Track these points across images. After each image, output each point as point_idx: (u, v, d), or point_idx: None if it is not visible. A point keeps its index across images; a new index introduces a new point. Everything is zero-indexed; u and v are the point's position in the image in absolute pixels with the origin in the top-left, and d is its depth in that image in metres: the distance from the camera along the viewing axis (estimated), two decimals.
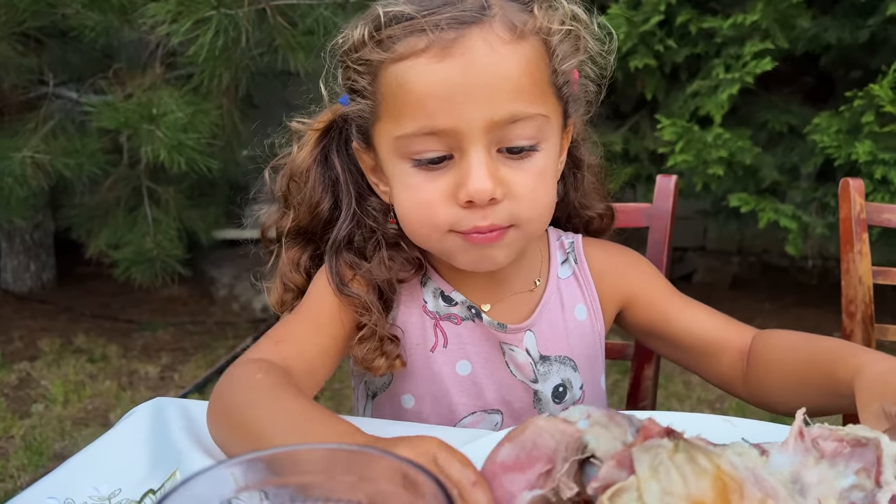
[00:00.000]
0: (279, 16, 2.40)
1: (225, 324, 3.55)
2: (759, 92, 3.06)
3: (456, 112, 0.72)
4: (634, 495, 0.51)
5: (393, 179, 0.79)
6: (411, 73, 0.73)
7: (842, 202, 1.24)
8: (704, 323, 0.91)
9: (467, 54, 0.72)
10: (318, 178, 0.87)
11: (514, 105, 0.73)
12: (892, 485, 0.53)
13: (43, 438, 2.50)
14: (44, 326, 3.43)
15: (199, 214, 3.13)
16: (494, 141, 0.74)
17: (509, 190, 0.74)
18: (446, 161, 0.75)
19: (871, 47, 2.85)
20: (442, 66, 0.71)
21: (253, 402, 0.68)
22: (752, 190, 2.97)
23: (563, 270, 0.93)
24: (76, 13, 2.54)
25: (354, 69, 0.79)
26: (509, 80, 0.73)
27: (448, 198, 0.75)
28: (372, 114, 0.79)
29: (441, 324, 0.87)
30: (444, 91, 0.72)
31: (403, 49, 0.73)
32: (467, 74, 0.71)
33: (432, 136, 0.73)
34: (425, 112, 0.72)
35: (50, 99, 2.98)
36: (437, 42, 0.71)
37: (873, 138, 2.50)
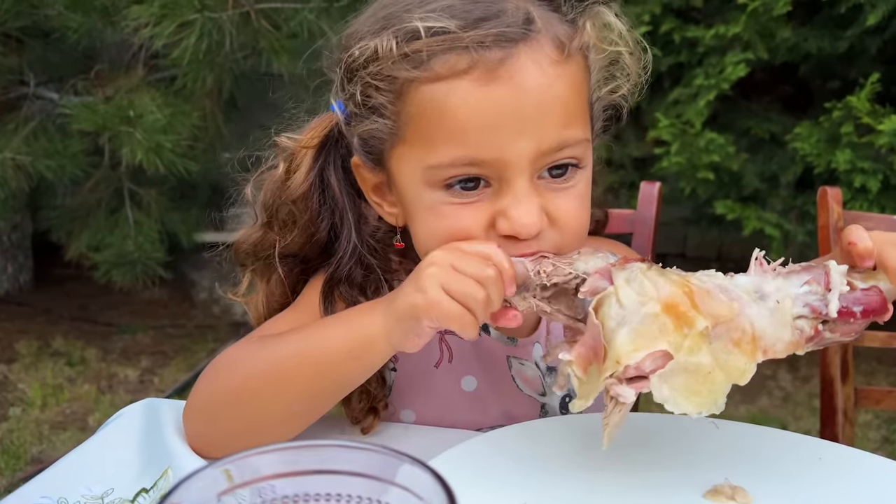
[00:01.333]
0: (263, 19, 2.40)
1: (205, 327, 3.52)
2: (738, 100, 3.10)
3: (502, 143, 0.66)
4: (613, 300, 0.60)
5: (416, 206, 0.73)
6: (452, 98, 0.66)
7: (820, 210, 1.26)
8: None
9: (516, 78, 0.66)
10: (317, 204, 0.80)
11: (563, 132, 0.69)
12: (839, 287, 0.62)
13: (20, 442, 2.47)
14: (21, 329, 3.38)
15: (180, 217, 3.11)
16: (538, 168, 0.69)
17: (552, 217, 0.70)
18: (482, 189, 0.69)
19: (849, 58, 2.90)
20: (488, 90, 0.65)
21: (278, 343, 0.72)
22: (734, 197, 3.01)
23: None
24: (58, 14, 2.52)
25: (374, 85, 0.71)
26: (560, 105, 0.68)
27: (487, 227, 0.69)
28: (392, 135, 0.72)
29: (446, 338, 0.84)
30: (491, 120, 0.66)
31: (441, 68, 0.66)
32: (517, 101, 0.66)
33: (471, 166, 0.68)
34: (467, 142, 0.67)
35: (31, 100, 2.95)
36: (482, 63, 0.65)
37: (852, 148, 2.54)
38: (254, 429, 0.69)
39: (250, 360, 0.70)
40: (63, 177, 2.70)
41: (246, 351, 0.73)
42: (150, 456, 0.67)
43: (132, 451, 0.68)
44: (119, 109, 2.49)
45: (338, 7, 2.35)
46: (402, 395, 0.86)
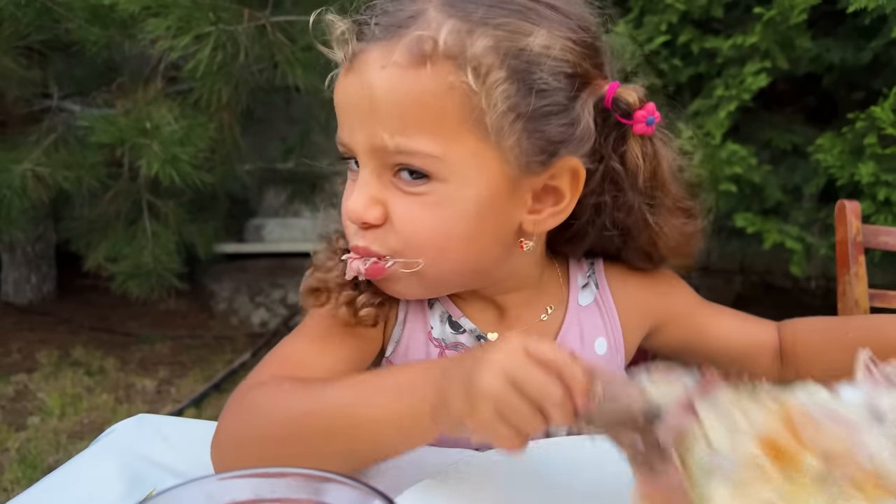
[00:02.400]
0: (278, 32, 2.41)
1: (223, 338, 3.54)
2: (760, 111, 3.06)
3: (350, 127, 0.71)
4: (702, 440, 0.50)
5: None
6: (336, 82, 0.72)
7: (838, 225, 1.23)
8: (737, 329, 0.89)
9: (363, 73, 0.68)
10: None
11: (395, 138, 0.67)
12: None
13: (38, 451, 2.49)
14: (42, 338, 3.42)
15: (198, 228, 3.13)
16: (386, 165, 0.70)
17: (390, 219, 0.70)
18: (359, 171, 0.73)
19: (873, 69, 2.85)
20: (346, 78, 0.70)
21: (314, 397, 0.64)
22: (756, 209, 2.96)
23: (583, 297, 0.86)
24: (79, 27, 2.56)
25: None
26: (396, 107, 0.67)
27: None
28: None
29: (447, 353, 0.81)
30: (342, 105, 0.71)
31: (339, 59, 0.72)
32: (359, 94, 0.68)
33: (342, 146, 0.73)
34: (340, 123, 0.73)
35: (54, 112, 2.99)
36: (350, 53, 0.69)
37: (876, 160, 2.49)
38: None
39: (278, 409, 0.64)
40: (81, 188, 2.73)
41: (276, 397, 0.66)
42: (134, 477, 0.66)
43: (116, 471, 0.67)
44: (137, 121, 2.52)
45: None
46: None
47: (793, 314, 3.44)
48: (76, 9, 2.50)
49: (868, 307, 1.21)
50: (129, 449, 0.70)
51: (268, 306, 3.75)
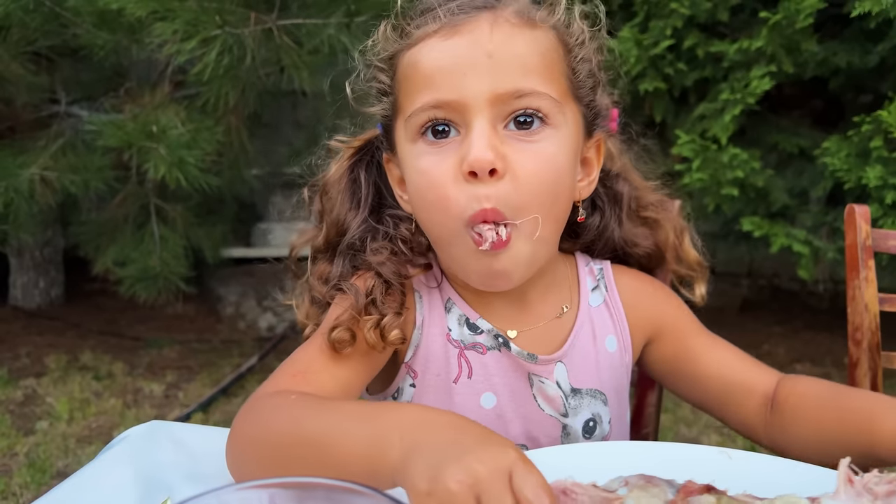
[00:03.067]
0: (285, 35, 2.41)
1: (231, 342, 3.54)
2: (767, 115, 3.06)
3: (460, 84, 0.72)
4: None
5: (408, 170, 0.78)
6: (422, 53, 0.75)
7: (847, 229, 1.23)
8: (731, 364, 0.88)
9: (475, 33, 0.73)
10: (346, 194, 0.86)
11: (520, 80, 0.73)
12: None
13: (47, 456, 2.49)
14: (51, 343, 3.44)
15: (205, 232, 3.14)
16: (501, 116, 0.73)
17: (511, 168, 0.72)
18: (453, 137, 0.74)
19: (880, 72, 2.84)
20: (449, 42, 0.73)
21: (308, 417, 0.65)
22: (762, 213, 2.95)
23: (594, 298, 0.90)
24: (86, 32, 2.57)
25: (379, 67, 0.80)
26: (515, 56, 0.73)
27: (456, 175, 0.73)
28: (393, 110, 0.80)
29: (466, 353, 0.83)
30: (449, 65, 0.73)
31: (418, 34, 0.75)
32: (473, 49, 0.72)
33: (438, 108, 0.73)
34: (433, 86, 0.73)
35: (62, 117, 3.01)
36: (448, 24, 0.74)
37: (883, 163, 2.49)
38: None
39: (277, 420, 0.67)
40: (88, 192, 2.74)
41: (277, 408, 0.69)
42: (149, 484, 0.66)
43: (131, 478, 0.66)
44: (144, 125, 2.53)
45: (358, 22, 2.36)
46: None
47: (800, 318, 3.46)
48: (84, 14, 2.51)
49: (878, 311, 1.21)
50: (143, 455, 0.70)
51: (275, 310, 3.76)
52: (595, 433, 0.86)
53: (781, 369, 0.89)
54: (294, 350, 0.79)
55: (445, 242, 0.78)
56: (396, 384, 0.85)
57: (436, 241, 0.80)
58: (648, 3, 2.82)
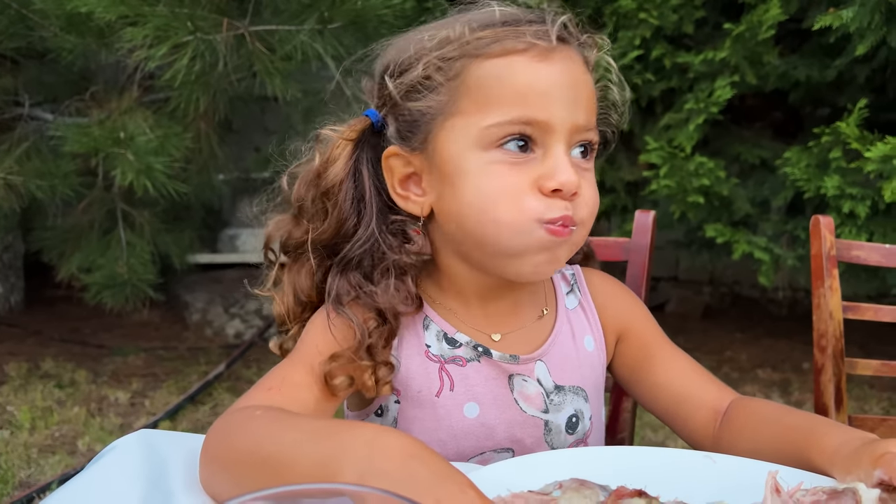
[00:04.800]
0: (258, 41, 2.40)
1: (197, 349, 3.50)
2: (730, 125, 3.14)
3: (551, 108, 0.77)
4: None
5: (464, 170, 0.79)
6: (512, 68, 0.77)
7: (813, 239, 1.27)
8: (688, 376, 0.91)
9: (566, 62, 0.79)
10: (349, 193, 0.85)
11: (590, 115, 0.81)
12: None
13: (8, 466, 2.44)
14: (11, 350, 3.36)
15: (173, 238, 3.10)
16: (570, 143, 0.79)
17: (580, 189, 0.79)
18: (530, 154, 0.78)
19: (838, 86, 2.94)
20: (543, 65, 0.77)
21: (265, 435, 0.65)
22: (725, 221, 3.03)
23: (569, 301, 0.94)
24: (54, 35, 2.53)
25: (437, 66, 0.80)
26: (586, 94, 0.81)
27: (532, 187, 0.77)
28: (442, 110, 0.80)
29: (446, 367, 0.85)
30: (545, 87, 0.77)
31: (501, 49, 0.78)
32: (566, 78, 0.78)
33: (528, 125, 0.77)
34: (525, 104, 0.77)
35: (25, 120, 2.95)
36: (537, 48, 0.78)
37: (841, 173, 2.57)
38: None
39: (243, 436, 0.68)
40: (54, 197, 2.69)
41: (245, 423, 0.70)
42: (141, 494, 0.65)
43: (127, 490, 0.66)
44: (111, 131, 2.49)
45: (331, 29, 2.36)
46: (406, 425, 0.86)
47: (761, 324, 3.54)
48: (52, 17, 2.47)
49: (841, 318, 1.26)
50: (135, 468, 0.69)
51: (242, 317, 3.72)
52: (577, 429, 0.90)
53: (743, 375, 0.93)
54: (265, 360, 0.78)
55: (504, 239, 0.79)
56: (379, 402, 0.86)
57: (484, 241, 0.80)
58: (617, 14, 2.87)
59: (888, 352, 2.72)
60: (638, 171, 3.15)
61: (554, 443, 0.88)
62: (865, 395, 3.17)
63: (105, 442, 2.62)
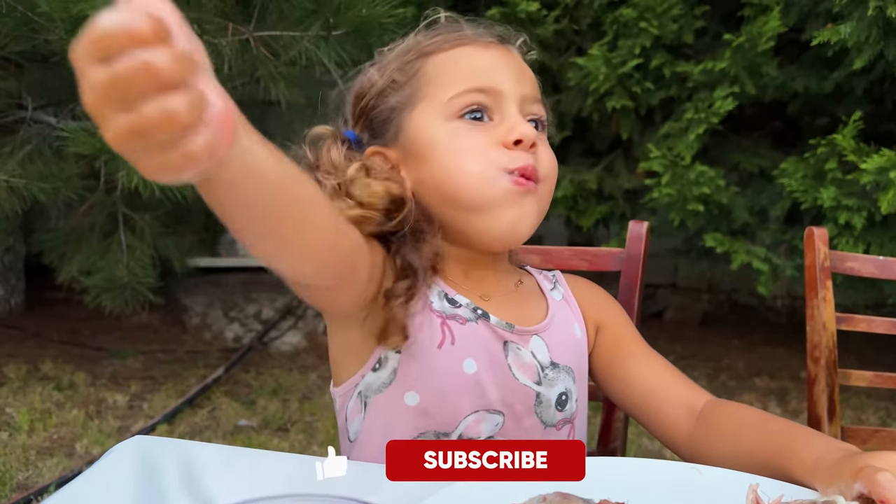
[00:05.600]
0: (262, 46, 2.42)
1: (196, 353, 3.51)
2: (729, 135, 3.15)
3: (499, 78, 0.89)
4: None
5: (435, 142, 0.89)
6: (464, 54, 0.91)
7: (807, 250, 1.29)
8: (662, 374, 0.93)
9: (502, 51, 0.93)
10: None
11: (536, 92, 0.93)
12: None
13: (6, 468, 2.44)
14: (10, 352, 3.37)
15: (173, 242, 3.11)
16: (524, 113, 0.90)
17: (537, 147, 0.89)
18: (489, 123, 0.89)
19: (836, 97, 2.95)
20: (487, 51, 0.91)
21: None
22: (724, 230, 3.04)
23: (555, 294, 1.00)
24: (59, 38, 2.53)
25: (398, 69, 0.92)
26: (531, 76, 0.94)
27: (496, 145, 0.87)
28: (408, 101, 0.90)
29: (448, 322, 0.88)
30: (491, 64, 0.90)
31: (450, 45, 0.91)
32: (508, 59, 0.92)
33: (481, 93, 0.88)
34: (477, 76, 0.89)
35: (28, 123, 2.96)
36: (480, 41, 0.92)
37: (837, 184, 2.58)
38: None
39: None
40: (57, 200, 2.70)
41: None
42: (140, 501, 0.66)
43: (120, 496, 0.66)
44: None
45: (335, 36, 2.37)
46: (406, 377, 0.87)
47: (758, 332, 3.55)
48: (57, 19, 2.47)
49: (835, 330, 1.27)
50: (128, 472, 0.70)
51: (241, 321, 3.73)
52: (566, 407, 0.93)
53: (741, 383, 0.94)
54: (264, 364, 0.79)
55: (475, 191, 0.88)
56: (377, 355, 0.88)
57: (459, 197, 0.88)
58: (617, 23, 2.89)
59: (885, 360, 2.74)
60: (636, 179, 3.16)
61: (543, 416, 0.90)
62: (862, 405, 3.18)
63: (103, 444, 2.63)
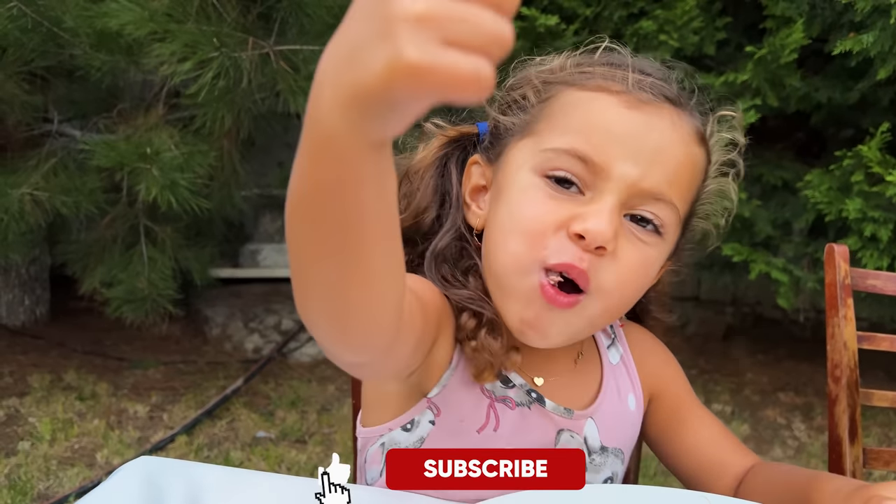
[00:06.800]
0: (282, 60, 2.44)
1: (216, 364, 3.53)
2: (751, 146, 3.11)
3: (615, 155, 0.71)
4: None
5: (511, 187, 0.76)
6: (596, 104, 0.73)
7: (827, 268, 1.26)
8: (716, 443, 0.89)
9: (654, 118, 0.73)
10: (431, 183, 0.84)
11: (665, 185, 0.73)
12: None
13: (28, 478, 2.47)
14: (34, 362, 3.41)
15: (194, 254, 3.14)
16: (627, 205, 0.73)
17: (618, 251, 0.72)
18: (573, 193, 0.72)
19: (862, 108, 2.91)
20: (625, 111, 0.72)
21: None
22: (746, 242, 3.00)
23: (612, 355, 0.90)
24: (84, 53, 2.58)
25: (534, 85, 0.79)
26: (676, 163, 0.73)
27: (558, 224, 0.71)
28: (524, 127, 0.78)
29: (496, 405, 0.79)
30: (618, 132, 0.72)
31: (596, 84, 0.74)
32: (645, 133, 0.72)
33: (582, 162, 0.72)
34: (587, 139, 0.72)
35: (54, 137, 3.01)
36: (633, 95, 0.73)
37: (863, 196, 2.54)
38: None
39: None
40: (79, 213, 2.74)
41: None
42: None
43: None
44: (137, 147, 2.54)
45: None
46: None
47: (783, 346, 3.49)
48: (82, 34, 2.52)
49: (856, 349, 1.24)
50: (137, 493, 0.69)
51: (262, 332, 3.75)
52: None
53: (765, 398, 0.92)
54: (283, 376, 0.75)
55: (504, 274, 0.75)
56: (412, 415, 0.80)
57: (493, 269, 0.76)
58: (637, 35, 2.87)
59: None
60: None
61: None
62: (890, 422, 3.11)
63: (123, 455, 2.65)
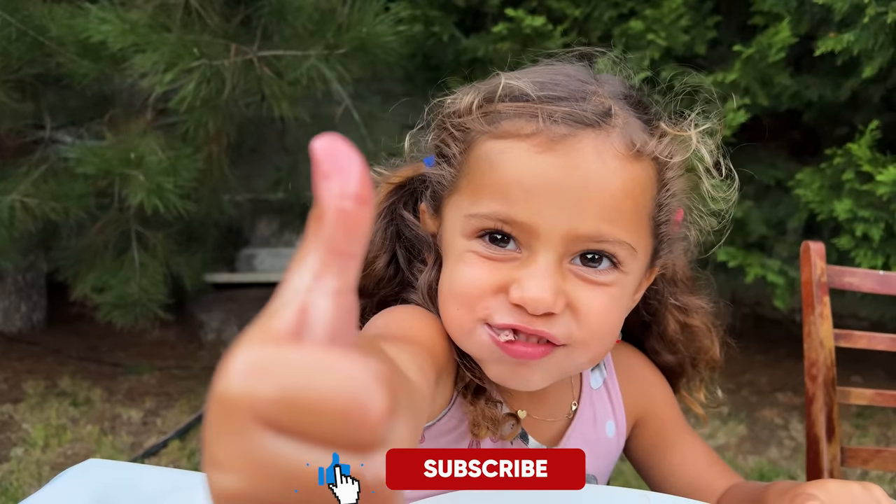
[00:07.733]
0: (266, 66, 2.45)
1: (211, 369, 3.49)
2: (744, 146, 3.10)
3: (540, 210, 0.65)
4: None
5: (449, 253, 0.72)
6: (507, 156, 0.66)
7: (803, 266, 1.25)
8: (701, 466, 0.88)
9: (572, 156, 0.65)
10: (380, 233, 0.81)
11: (604, 225, 0.66)
12: None
13: (19, 484, 2.47)
14: (29, 368, 3.41)
15: (186, 259, 3.14)
16: (570, 252, 0.67)
17: (573, 307, 0.67)
18: (510, 251, 0.68)
19: (853, 105, 2.89)
20: (541, 158, 0.65)
21: None
22: (739, 243, 2.98)
23: (594, 379, 0.88)
24: (70, 61, 2.59)
25: (451, 133, 0.73)
26: (609, 196, 0.65)
27: (497, 289, 0.67)
28: (451, 183, 0.73)
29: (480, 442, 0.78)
30: (535, 185, 0.65)
31: (509, 128, 0.67)
32: (565, 177, 0.65)
33: (507, 224, 0.67)
34: (507, 200, 0.66)
35: (47, 143, 3.02)
36: (546, 133, 0.65)
37: (854, 195, 2.52)
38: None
39: None
40: (68, 219, 2.75)
41: None
42: None
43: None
44: (123, 153, 2.55)
45: (337, 55, 2.40)
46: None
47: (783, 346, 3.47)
48: (68, 43, 2.53)
49: (833, 346, 1.23)
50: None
51: None
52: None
53: (762, 398, 0.91)
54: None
55: (455, 338, 0.71)
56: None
57: (450, 326, 0.72)
58: (627, 36, 2.86)
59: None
60: None
61: None
62: (890, 421, 3.09)
63: (116, 460, 2.65)
